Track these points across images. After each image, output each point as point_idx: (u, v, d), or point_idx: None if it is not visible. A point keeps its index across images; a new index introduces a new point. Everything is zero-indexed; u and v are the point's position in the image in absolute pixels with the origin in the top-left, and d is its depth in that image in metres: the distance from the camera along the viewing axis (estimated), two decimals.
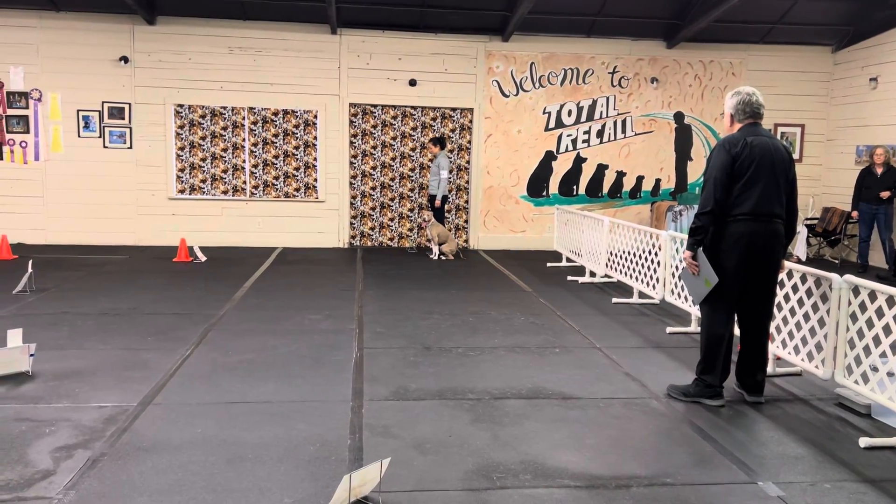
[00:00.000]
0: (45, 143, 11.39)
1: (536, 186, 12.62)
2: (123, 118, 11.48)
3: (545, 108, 12.46)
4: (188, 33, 11.47)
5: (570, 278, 9.66)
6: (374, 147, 12.29)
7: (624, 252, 8.66)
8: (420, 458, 3.85)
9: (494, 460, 3.85)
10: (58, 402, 4.52)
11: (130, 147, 11.55)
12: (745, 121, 4.80)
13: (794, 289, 5.52)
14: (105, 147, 11.52)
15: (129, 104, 11.48)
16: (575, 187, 12.71)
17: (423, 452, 3.92)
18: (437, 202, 11.29)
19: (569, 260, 10.93)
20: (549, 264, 10.88)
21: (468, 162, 12.52)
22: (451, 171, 11.96)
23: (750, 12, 11.68)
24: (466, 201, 12.61)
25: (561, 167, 12.64)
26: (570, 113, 12.54)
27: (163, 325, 6.55)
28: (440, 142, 11.39)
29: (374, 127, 12.25)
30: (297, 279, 9.11)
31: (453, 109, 12.35)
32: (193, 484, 3.48)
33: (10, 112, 11.27)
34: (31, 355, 5.06)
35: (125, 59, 11.32)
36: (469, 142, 12.48)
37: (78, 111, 11.40)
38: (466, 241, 12.67)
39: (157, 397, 4.67)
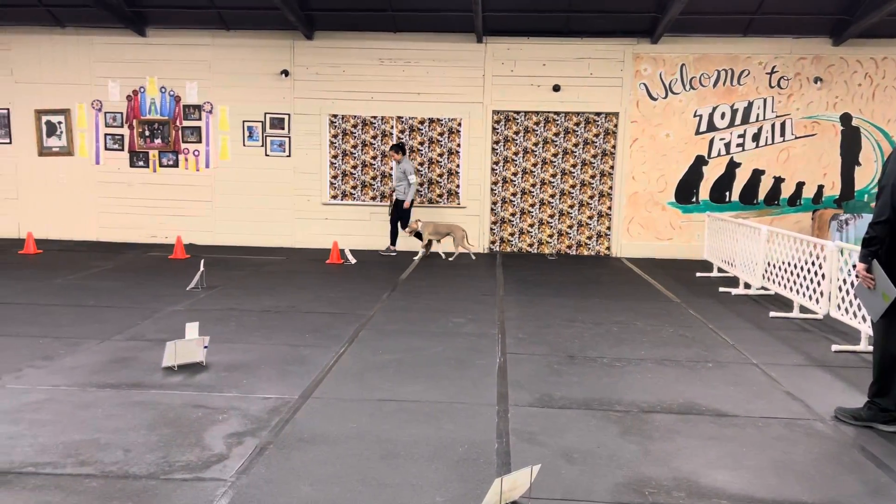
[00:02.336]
0: (215, 151, 12.40)
1: (685, 192, 12.15)
2: (283, 128, 12.27)
3: (696, 111, 11.97)
4: (343, 46, 12.07)
5: (721, 289, 9.21)
6: (516, 153, 12.34)
7: (783, 263, 8.14)
8: (568, 467, 3.82)
9: (645, 475, 3.75)
10: (228, 392, 4.90)
11: (289, 155, 12.32)
12: None
13: None
14: (266, 155, 12.36)
15: (289, 115, 12.25)
16: (727, 193, 12.11)
17: (570, 462, 3.89)
18: (407, 204, 11.33)
19: (720, 270, 10.42)
20: (698, 274, 10.44)
21: (612, 167, 12.27)
22: (419, 174, 12.08)
23: None
24: (609, 207, 12.36)
25: (712, 172, 12.09)
26: (723, 116, 11.97)
27: (319, 323, 6.93)
28: (401, 148, 11.33)
29: (517, 133, 12.30)
30: (439, 282, 9.32)
31: (597, 114, 12.16)
32: (350, 476, 3.65)
33: (186, 123, 12.37)
34: (205, 347, 5.53)
35: (286, 73, 12.10)
36: (613, 146, 12.23)
37: (243, 122, 12.31)
38: (609, 248, 12.42)
39: (315, 391, 4.95)
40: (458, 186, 12.38)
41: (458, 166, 12.34)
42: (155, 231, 12.57)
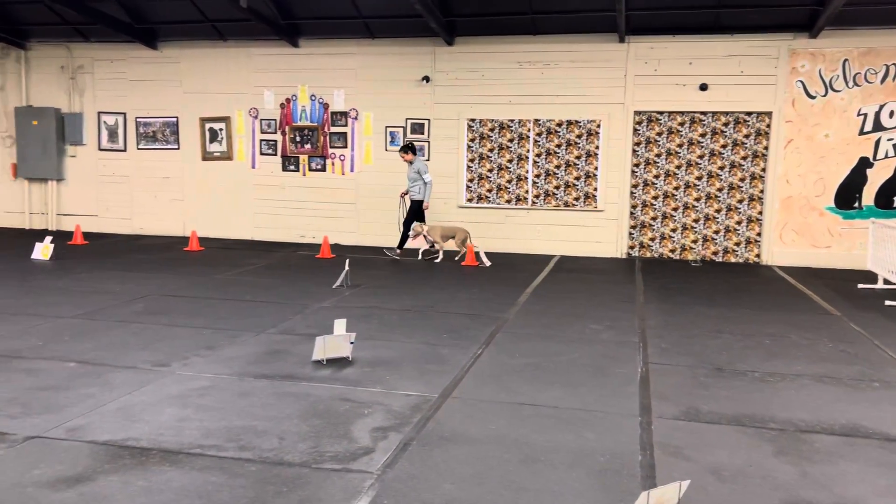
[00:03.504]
0: (359, 156, 12.92)
1: (846, 197, 11.24)
2: (423, 133, 12.57)
3: (860, 110, 11.05)
4: (482, 51, 12.20)
5: (888, 303, 8.45)
6: (658, 155, 11.94)
7: None
8: (717, 485, 3.65)
9: (804, 499, 3.50)
10: (372, 387, 5.09)
11: (428, 159, 12.60)
12: None
13: None
14: None
15: (428, 120, 12.54)
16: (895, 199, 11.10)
17: (720, 479, 3.71)
18: (426, 203, 11.28)
19: (887, 282, 9.56)
20: (860, 286, 9.63)
21: (763, 170, 11.58)
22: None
23: None
24: (760, 213, 11.67)
25: (878, 175, 11.11)
26: (892, 114, 10.97)
27: (456, 324, 7.04)
28: (411, 148, 11.25)
29: (659, 134, 11.90)
30: (575, 287, 9.19)
31: (748, 114, 11.52)
32: (490, 478, 3.68)
33: (333, 130, 12.98)
34: (352, 343, 5.76)
35: (427, 79, 12.39)
36: (765, 148, 11.54)
37: (386, 127, 12.74)
38: (759, 255, 11.72)
39: (454, 391, 5.03)
40: (595, 189, 12.15)
41: (596, 169, 12.11)
42: (303, 231, 13.27)
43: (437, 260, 11.35)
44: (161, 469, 3.69)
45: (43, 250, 10.60)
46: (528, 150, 12.32)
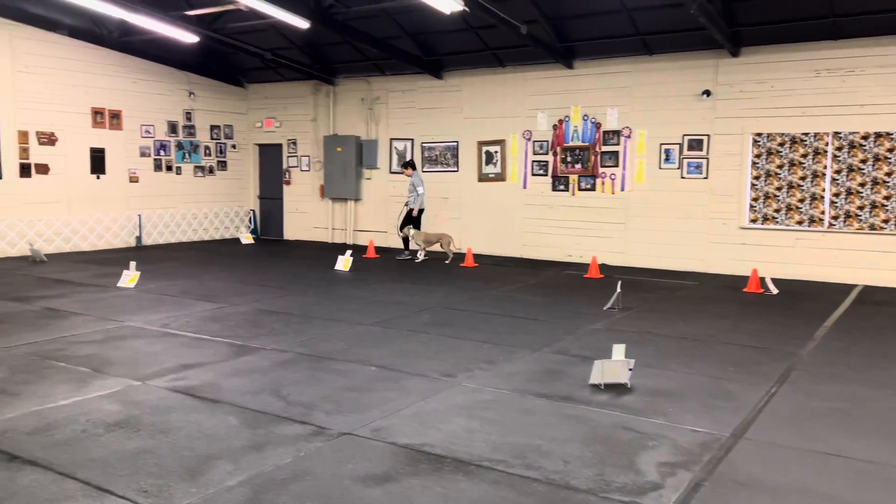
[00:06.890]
0: (631, 175, 12.66)
1: None
2: (701, 150, 11.95)
3: None
4: (771, 61, 11.27)
5: None
6: None
7: None
8: None
9: None
10: (654, 419, 4.90)
11: (706, 177, 11.94)
12: None
13: None
14: (682, 178, 12.17)
15: (708, 136, 11.88)
16: None
17: None
18: (415, 213, 13.19)
19: None
20: None
21: None
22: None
23: None
24: None
25: None
26: None
27: (741, 357, 6.53)
28: (411, 164, 13.29)
29: None
30: (887, 323, 8.02)
31: None
32: None
33: (605, 148, 12.88)
34: (630, 370, 5.62)
35: (707, 93, 11.76)
36: None
37: (660, 145, 12.33)
38: None
39: (746, 432, 4.65)
40: None
41: None
42: (570, 251, 13.32)
43: (418, 261, 13.01)
44: (455, 478, 3.91)
45: (344, 263, 11.94)
46: (825, 167, 11.09)
